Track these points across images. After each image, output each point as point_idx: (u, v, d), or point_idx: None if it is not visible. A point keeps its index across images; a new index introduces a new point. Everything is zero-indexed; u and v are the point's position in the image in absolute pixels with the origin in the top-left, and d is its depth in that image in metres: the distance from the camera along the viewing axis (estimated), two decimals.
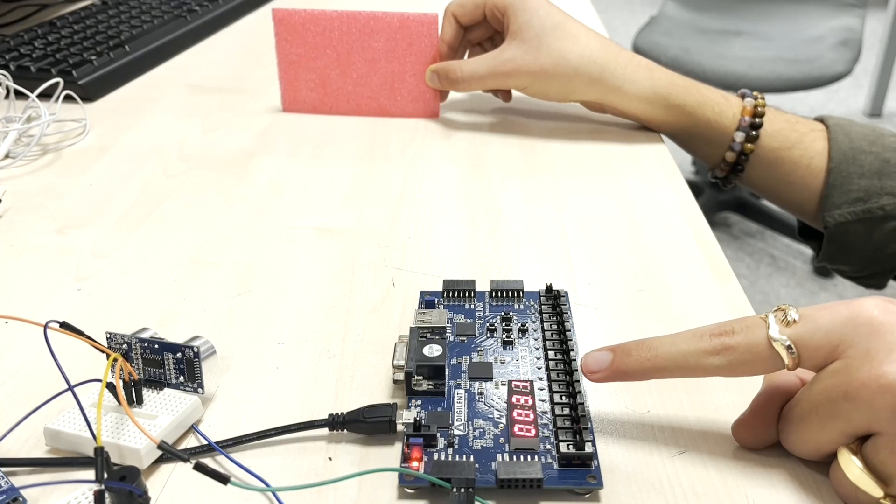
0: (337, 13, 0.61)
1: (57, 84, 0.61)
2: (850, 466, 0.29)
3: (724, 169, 0.58)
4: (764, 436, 0.32)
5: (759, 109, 0.55)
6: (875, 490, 0.28)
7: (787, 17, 1.95)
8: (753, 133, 0.55)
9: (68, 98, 0.63)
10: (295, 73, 0.63)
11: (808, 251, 1.90)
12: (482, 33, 0.63)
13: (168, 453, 0.30)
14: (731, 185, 0.60)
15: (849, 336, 0.29)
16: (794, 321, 0.30)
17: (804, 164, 0.55)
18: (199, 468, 0.28)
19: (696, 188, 2.01)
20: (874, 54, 2.57)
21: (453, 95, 0.67)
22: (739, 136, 0.55)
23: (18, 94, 0.61)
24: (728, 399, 0.35)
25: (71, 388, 0.30)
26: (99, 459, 0.27)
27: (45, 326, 0.31)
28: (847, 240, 0.54)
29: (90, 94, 0.67)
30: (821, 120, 0.57)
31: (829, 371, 0.29)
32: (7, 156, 0.58)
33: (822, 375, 0.29)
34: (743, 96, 0.57)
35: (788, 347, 0.29)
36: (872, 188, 0.53)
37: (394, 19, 0.61)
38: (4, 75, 0.59)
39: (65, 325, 0.33)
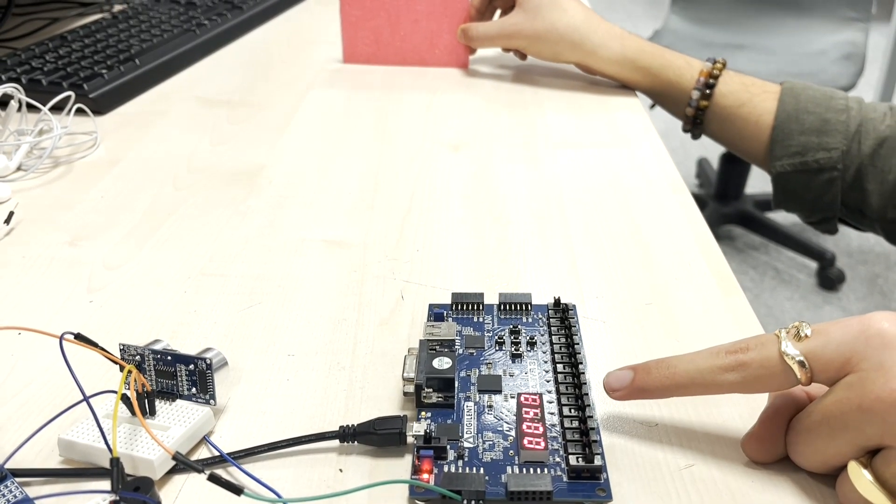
0: None
1: (68, 97, 0.62)
2: (861, 479, 0.29)
3: (687, 122, 0.68)
4: (773, 449, 0.32)
5: (715, 72, 0.65)
6: (885, 503, 0.28)
7: (790, 31, 1.96)
8: (707, 91, 0.65)
9: (79, 111, 0.63)
10: (354, 31, 0.79)
11: (813, 264, 1.90)
12: (505, 2, 0.77)
13: (182, 464, 0.30)
14: (697, 137, 0.69)
15: (861, 349, 0.29)
16: (807, 336, 0.30)
17: (753, 120, 0.64)
18: (214, 479, 0.28)
19: (700, 201, 2.02)
20: (877, 68, 2.57)
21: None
22: (695, 94, 0.66)
23: (30, 108, 0.62)
24: (736, 413, 0.35)
25: (86, 398, 0.31)
26: (115, 470, 0.27)
27: (61, 338, 0.32)
28: (789, 188, 0.63)
29: (101, 107, 0.68)
30: (781, 83, 0.65)
31: (844, 383, 0.29)
32: (19, 168, 0.58)
33: (836, 388, 0.30)
34: (706, 61, 0.66)
35: (801, 362, 0.30)
36: (810, 144, 0.61)
37: None
38: (17, 89, 0.59)
39: (79, 337, 0.33)
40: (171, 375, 0.35)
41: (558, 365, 0.37)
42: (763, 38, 1.95)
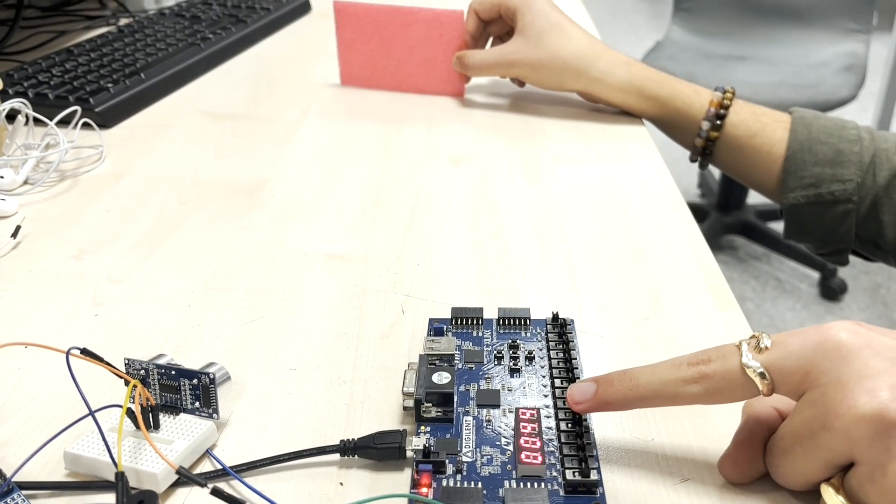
0: (383, 7, 0.74)
1: (75, 112, 0.62)
2: (833, 501, 0.29)
3: (696, 152, 0.66)
4: (749, 470, 0.32)
5: (726, 102, 0.63)
6: None
7: (791, 42, 1.97)
8: (717, 122, 0.63)
9: (85, 125, 0.64)
10: (350, 54, 0.77)
11: (815, 274, 1.90)
12: (500, 28, 0.75)
13: (186, 478, 0.30)
14: (704, 167, 0.68)
15: (819, 362, 0.29)
16: (766, 348, 0.31)
17: (765, 150, 0.62)
18: (217, 493, 0.28)
19: (702, 211, 2.02)
20: (879, 78, 2.58)
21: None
22: (706, 125, 0.64)
23: (37, 122, 0.62)
24: (731, 427, 0.36)
25: (92, 413, 0.31)
26: (120, 484, 0.28)
27: (68, 353, 0.32)
28: (802, 220, 0.62)
29: (106, 121, 0.69)
30: (790, 112, 0.63)
31: (807, 401, 0.30)
32: (26, 182, 0.59)
33: (801, 406, 0.30)
34: (716, 90, 0.64)
35: (761, 374, 0.30)
36: (824, 175, 0.60)
37: (428, 14, 0.74)
38: (24, 104, 0.60)
39: (85, 352, 0.33)
40: (175, 390, 0.35)
41: (556, 380, 0.38)
42: (765, 50, 1.96)
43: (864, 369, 0.28)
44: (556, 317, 0.42)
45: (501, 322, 0.42)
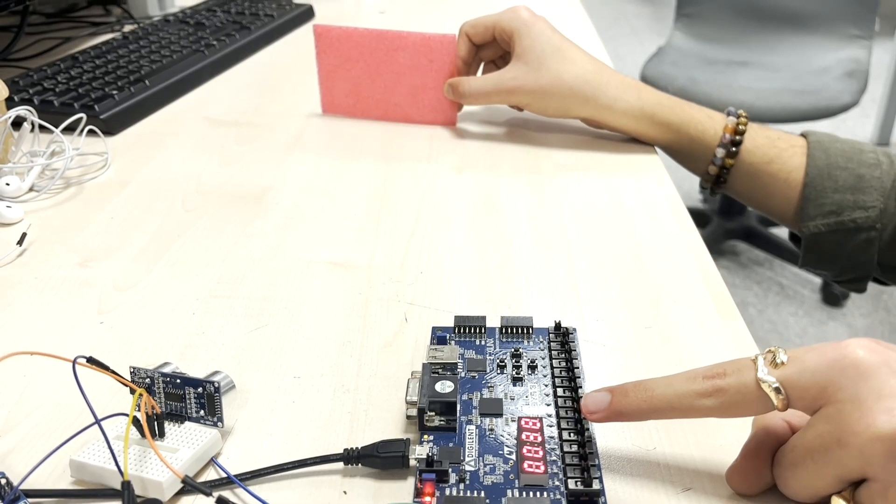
0: (368, 31, 0.69)
1: (80, 119, 0.63)
2: None
3: (709, 180, 0.64)
4: (757, 482, 0.33)
5: (741, 128, 0.61)
6: None
7: (793, 48, 1.97)
8: (733, 149, 0.61)
9: (90, 132, 0.64)
10: (332, 81, 0.72)
11: (817, 280, 1.90)
12: (493, 52, 0.70)
13: (191, 487, 0.31)
14: (717, 194, 0.65)
15: (836, 378, 0.30)
16: (783, 363, 0.31)
17: (782, 177, 0.60)
18: (222, 502, 0.29)
19: (704, 217, 2.02)
20: (881, 84, 2.58)
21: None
22: (720, 152, 0.61)
23: (42, 129, 0.63)
24: (733, 436, 0.36)
25: (98, 422, 0.32)
26: (126, 493, 0.28)
27: (74, 363, 0.33)
28: (822, 249, 0.59)
29: (111, 128, 0.69)
30: (804, 135, 0.61)
31: (822, 416, 0.30)
32: (31, 189, 0.59)
33: (816, 421, 0.30)
34: (728, 115, 0.62)
35: (777, 389, 0.30)
36: (845, 202, 0.57)
37: (417, 38, 0.68)
38: (30, 111, 0.60)
39: (91, 361, 0.34)
40: (180, 398, 0.36)
41: (558, 388, 0.38)
42: (766, 55, 1.96)
43: (882, 388, 0.29)
44: (558, 325, 0.42)
45: (504, 331, 0.42)
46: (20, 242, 0.51)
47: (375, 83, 0.71)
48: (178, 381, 0.35)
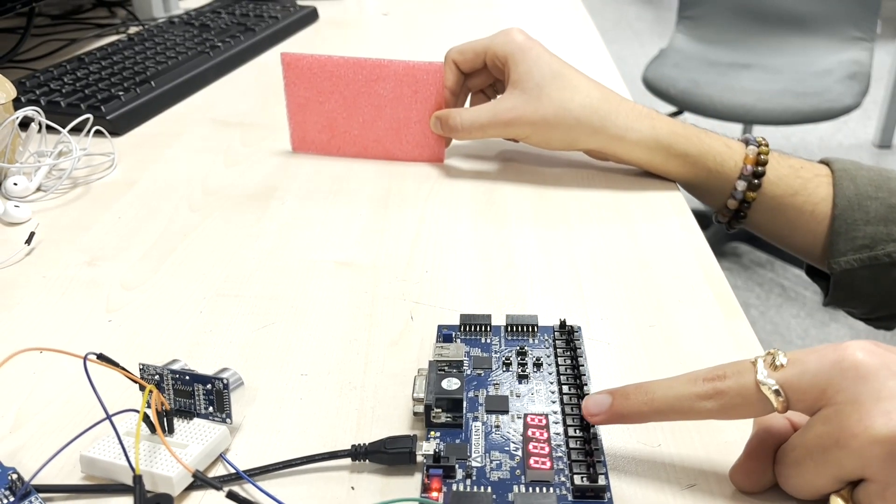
0: (344, 59, 0.62)
1: (87, 119, 0.63)
2: None
3: (727, 215, 0.59)
4: (760, 480, 0.33)
5: (762, 157, 0.56)
6: None
7: (795, 50, 1.97)
8: (756, 181, 0.56)
9: (97, 132, 0.65)
10: (303, 115, 0.65)
11: None
12: (483, 80, 0.64)
13: (202, 482, 0.31)
14: (734, 230, 0.60)
15: (836, 380, 0.30)
16: (782, 365, 0.31)
17: (808, 210, 0.55)
18: (232, 497, 0.29)
19: (705, 218, 2.02)
20: (883, 85, 2.58)
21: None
22: (741, 185, 0.56)
23: (49, 129, 0.63)
24: (738, 432, 0.36)
25: (109, 417, 0.32)
26: (138, 487, 0.28)
27: (85, 359, 0.33)
28: (854, 285, 0.55)
29: (117, 128, 0.70)
30: (826, 163, 0.57)
31: (822, 417, 0.30)
32: (39, 189, 0.60)
33: (815, 421, 0.30)
34: (746, 143, 0.57)
35: (776, 391, 0.30)
36: (878, 235, 0.53)
37: (399, 67, 0.62)
38: (37, 112, 0.61)
39: (102, 357, 0.34)
40: (189, 395, 0.36)
41: (564, 386, 0.38)
42: (768, 58, 1.97)
43: (881, 390, 0.29)
44: (563, 324, 0.42)
45: (509, 329, 0.43)
46: (28, 242, 0.52)
47: (353, 117, 0.64)
48: (188, 377, 0.36)
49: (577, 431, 0.35)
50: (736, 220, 0.59)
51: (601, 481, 0.32)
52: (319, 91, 0.63)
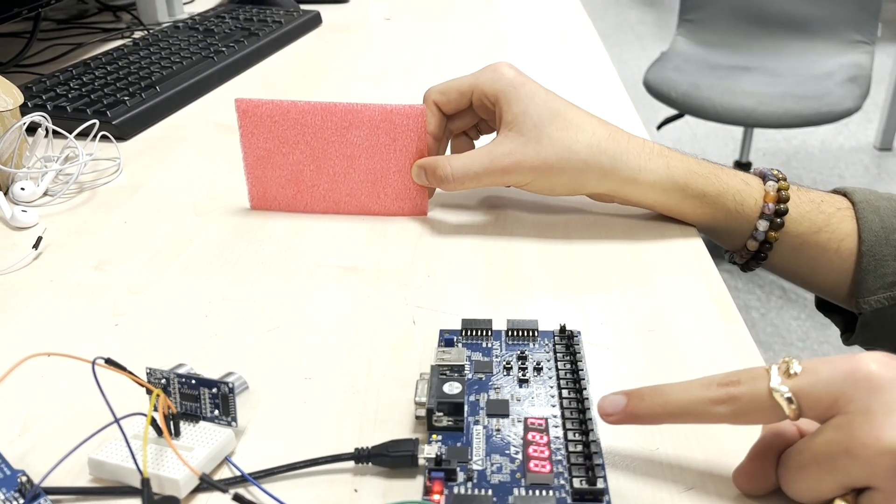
0: (310, 104, 0.55)
1: (93, 124, 0.64)
2: None
3: (745, 256, 0.54)
4: (763, 483, 0.33)
5: (783, 194, 0.52)
6: None
7: (796, 53, 1.98)
8: (778, 220, 0.52)
9: (102, 137, 0.66)
10: (263, 169, 0.57)
11: None
12: (466, 122, 0.58)
13: (208, 485, 0.32)
14: (751, 270, 0.56)
15: (849, 390, 0.30)
16: (796, 374, 0.31)
17: (833, 247, 0.52)
18: (238, 499, 0.30)
19: None
20: (883, 88, 2.59)
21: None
22: (763, 225, 0.52)
23: (56, 134, 0.64)
24: (735, 437, 0.37)
25: (117, 420, 0.33)
26: (145, 490, 0.29)
27: (94, 363, 0.34)
28: (884, 324, 0.52)
29: (123, 133, 0.70)
30: (843, 193, 0.54)
31: (832, 425, 0.31)
32: (46, 193, 0.61)
33: (825, 428, 0.31)
34: (763, 176, 0.53)
35: (789, 399, 0.31)
36: None
37: (375, 112, 0.55)
38: (44, 117, 0.62)
39: (109, 362, 0.35)
40: (195, 398, 0.37)
41: (563, 390, 0.39)
42: (769, 61, 1.97)
43: (893, 402, 0.29)
44: (563, 328, 0.43)
45: (510, 333, 0.43)
46: (36, 246, 0.53)
47: (321, 170, 0.56)
48: (194, 381, 0.36)
49: (577, 435, 0.36)
50: (754, 261, 0.55)
51: (600, 484, 0.33)
52: (282, 141, 0.56)
